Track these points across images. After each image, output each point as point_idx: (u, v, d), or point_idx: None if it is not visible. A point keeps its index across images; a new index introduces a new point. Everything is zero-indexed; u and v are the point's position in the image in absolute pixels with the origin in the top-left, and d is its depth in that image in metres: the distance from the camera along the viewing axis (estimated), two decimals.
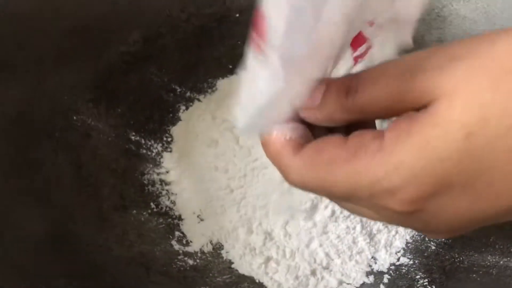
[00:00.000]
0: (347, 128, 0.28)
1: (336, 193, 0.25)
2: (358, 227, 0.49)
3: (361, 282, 0.48)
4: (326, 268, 0.48)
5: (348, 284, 0.47)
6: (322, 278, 0.47)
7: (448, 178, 0.22)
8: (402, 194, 0.23)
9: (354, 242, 0.49)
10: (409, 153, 0.22)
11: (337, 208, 0.49)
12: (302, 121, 0.28)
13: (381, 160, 0.23)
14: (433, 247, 0.49)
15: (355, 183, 0.24)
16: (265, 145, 0.28)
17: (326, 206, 0.50)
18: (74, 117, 0.54)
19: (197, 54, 0.64)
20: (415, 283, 0.47)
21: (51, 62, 0.55)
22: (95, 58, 0.58)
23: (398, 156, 0.22)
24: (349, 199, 0.26)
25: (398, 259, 0.49)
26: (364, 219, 0.49)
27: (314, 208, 0.50)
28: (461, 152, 0.21)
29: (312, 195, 0.49)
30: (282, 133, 0.27)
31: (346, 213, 0.49)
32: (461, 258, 0.47)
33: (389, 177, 0.23)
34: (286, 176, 0.27)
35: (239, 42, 0.65)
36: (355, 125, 0.27)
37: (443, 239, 0.49)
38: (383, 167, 0.23)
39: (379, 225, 0.50)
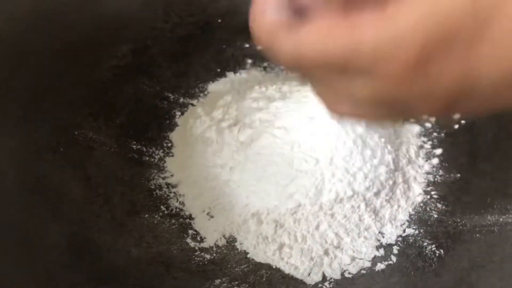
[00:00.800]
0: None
1: (334, 62, 0.24)
2: (363, 206, 0.51)
3: (372, 255, 0.50)
4: (338, 247, 0.50)
5: (360, 259, 0.50)
6: (335, 256, 0.49)
7: (451, 37, 0.22)
8: (408, 54, 0.22)
9: (360, 220, 0.51)
10: (415, 12, 0.22)
11: (340, 190, 0.51)
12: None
13: (386, 21, 0.22)
14: (435, 215, 0.52)
15: (356, 47, 0.23)
16: (257, 27, 0.27)
17: (330, 190, 0.52)
18: (76, 132, 0.56)
19: (185, 61, 0.66)
20: (424, 249, 0.49)
21: (47, 81, 0.56)
22: (89, 73, 0.60)
23: (405, 16, 0.22)
24: (346, 71, 0.25)
25: (404, 231, 0.51)
26: (367, 198, 0.52)
27: (318, 193, 0.52)
28: (466, 11, 0.22)
29: (316, 182, 0.52)
30: (276, 13, 0.26)
31: (349, 193, 0.51)
32: (463, 222, 0.50)
33: (394, 38, 0.22)
34: (280, 54, 0.26)
35: (224, 46, 0.68)
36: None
37: (443, 207, 0.52)
38: (388, 27, 0.22)
39: (382, 201, 0.52)
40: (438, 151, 0.57)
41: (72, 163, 0.53)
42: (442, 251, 0.49)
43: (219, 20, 0.70)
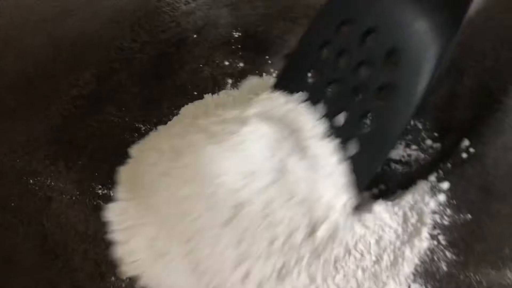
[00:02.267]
0: None
1: None
2: (359, 272, 0.44)
3: None
4: None
5: None
6: None
7: None
8: None
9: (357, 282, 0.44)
10: None
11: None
12: None
13: None
14: (445, 268, 0.45)
15: None
16: None
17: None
18: (31, 181, 0.49)
19: (158, 85, 0.58)
20: None
21: None
22: (45, 109, 0.53)
23: None
24: None
25: (409, 287, 0.45)
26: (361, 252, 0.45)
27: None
28: None
29: None
30: None
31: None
32: (477, 277, 0.43)
33: None
34: None
35: (201, 65, 0.60)
36: None
37: (453, 257, 0.45)
38: None
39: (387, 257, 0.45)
40: (445, 185, 0.50)
41: (26, 220, 0.46)
42: None
43: (195, 36, 0.62)
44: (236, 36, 0.63)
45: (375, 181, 0.51)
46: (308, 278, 0.43)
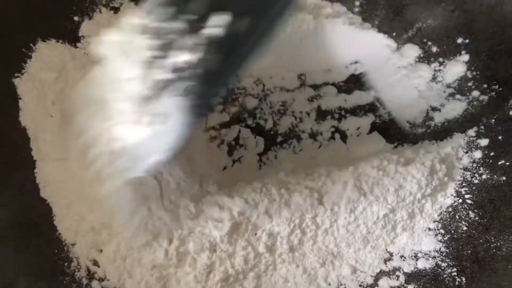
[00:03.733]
0: None
1: None
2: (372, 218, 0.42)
3: (378, 270, 0.41)
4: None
5: (362, 272, 0.41)
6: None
7: None
8: None
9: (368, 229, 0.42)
10: None
11: None
12: None
13: None
14: (465, 227, 0.42)
15: None
16: None
17: None
18: None
19: None
20: (442, 272, 0.40)
21: None
22: None
23: None
24: None
25: (422, 240, 0.42)
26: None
27: None
28: None
29: None
30: None
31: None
32: (498, 244, 0.40)
33: None
34: None
35: None
36: None
37: (477, 218, 0.42)
38: None
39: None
40: (484, 142, 0.46)
41: None
42: (464, 279, 0.39)
43: None
44: None
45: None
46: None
